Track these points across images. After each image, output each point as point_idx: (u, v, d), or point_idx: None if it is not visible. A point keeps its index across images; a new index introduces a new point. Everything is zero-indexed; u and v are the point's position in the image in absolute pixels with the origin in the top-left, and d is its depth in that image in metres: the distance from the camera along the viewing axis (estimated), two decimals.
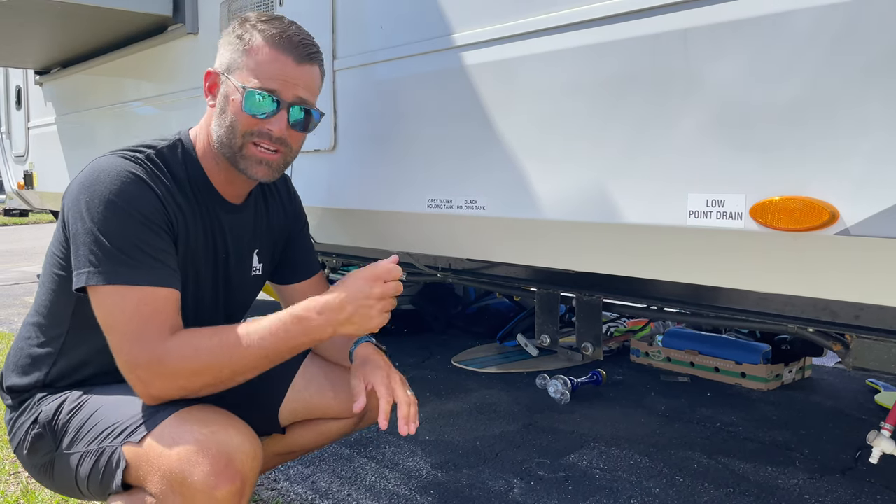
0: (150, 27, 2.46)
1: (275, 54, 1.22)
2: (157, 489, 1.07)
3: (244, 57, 1.23)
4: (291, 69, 1.24)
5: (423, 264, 2.18)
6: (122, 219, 1.13)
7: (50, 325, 1.29)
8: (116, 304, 1.11)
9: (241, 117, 1.22)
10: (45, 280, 1.29)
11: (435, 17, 1.50)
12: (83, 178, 1.18)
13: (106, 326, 1.13)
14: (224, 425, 1.09)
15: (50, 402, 1.25)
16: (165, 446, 1.07)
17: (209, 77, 1.28)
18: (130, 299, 1.11)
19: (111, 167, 1.17)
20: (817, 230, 1.00)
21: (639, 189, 1.19)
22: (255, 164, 1.25)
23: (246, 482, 1.07)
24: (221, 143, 1.25)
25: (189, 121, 2.55)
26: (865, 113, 0.95)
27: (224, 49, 1.26)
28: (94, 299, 1.14)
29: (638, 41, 1.17)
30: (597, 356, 1.86)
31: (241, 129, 1.23)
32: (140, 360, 1.10)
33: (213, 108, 1.27)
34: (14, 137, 4.15)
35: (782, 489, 1.94)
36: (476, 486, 1.95)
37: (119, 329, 1.11)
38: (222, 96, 1.25)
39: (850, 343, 1.41)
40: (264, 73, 1.22)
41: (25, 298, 4.89)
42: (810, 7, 0.99)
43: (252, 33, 1.23)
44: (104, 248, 1.11)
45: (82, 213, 1.14)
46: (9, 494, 1.89)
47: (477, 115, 1.42)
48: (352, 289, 1.16)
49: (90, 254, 1.12)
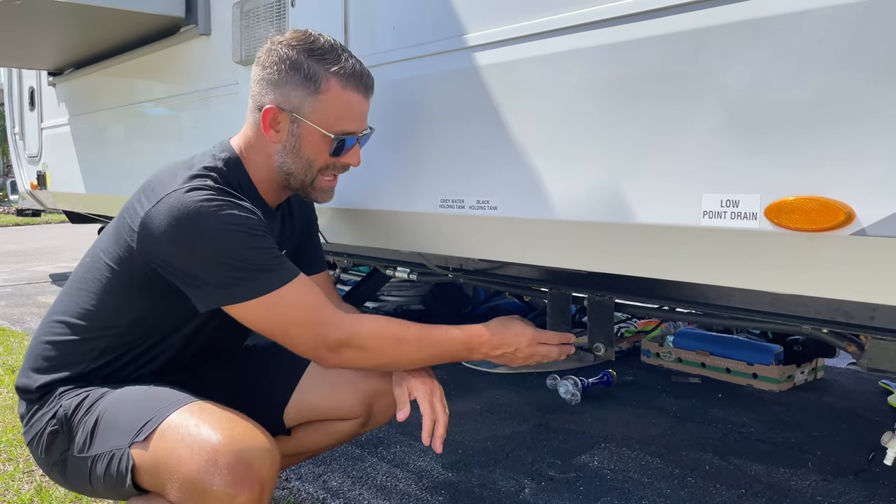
0: (163, 28, 2.47)
1: (347, 95, 1.29)
2: (176, 496, 1.07)
3: (314, 96, 1.27)
4: (362, 105, 1.33)
5: (434, 264, 2.18)
6: (234, 238, 1.17)
7: (94, 327, 1.30)
8: (279, 305, 1.19)
9: (324, 158, 1.32)
10: (95, 287, 1.30)
11: (447, 18, 1.50)
12: (171, 225, 1.16)
13: (280, 331, 1.22)
14: (242, 431, 1.10)
15: (70, 398, 1.25)
16: (184, 453, 1.07)
17: (271, 113, 1.28)
18: (289, 296, 1.20)
19: (195, 203, 1.17)
20: (833, 230, 0.99)
21: (653, 189, 1.19)
22: (326, 193, 1.38)
23: (265, 488, 1.07)
24: (291, 175, 1.33)
25: (201, 122, 2.56)
26: (882, 113, 0.94)
27: (285, 86, 1.27)
28: (248, 315, 1.20)
29: (652, 41, 1.16)
30: (609, 356, 1.85)
31: (319, 166, 1.32)
32: (328, 335, 1.22)
33: (275, 143, 1.31)
34: (27, 138, 4.18)
35: (795, 491, 1.93)
36: (487, 487, 1.95)
37: (297, 325, 1.22)
38: (293, 136, 1.30)
39: (864, 344, 1.40)
40: (342, 116, 1.30)
41: (38, 298, 4.93)
42: (826, 6, 0.98)
43: (317, 69, 1.26)
44: (238, 268, 1.17)
45: (194, 256, 1.17)
46: (23, 493, 1.90)
47: (489, 115, 1.42)
48: (511, 338, 1.33)
49: (228, 279, 1.17)
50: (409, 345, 1.28)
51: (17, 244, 9.02)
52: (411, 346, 1.28)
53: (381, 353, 1.28)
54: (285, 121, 1.29)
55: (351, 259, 2.62)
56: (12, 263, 7.03)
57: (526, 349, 1.33)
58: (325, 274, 1.57)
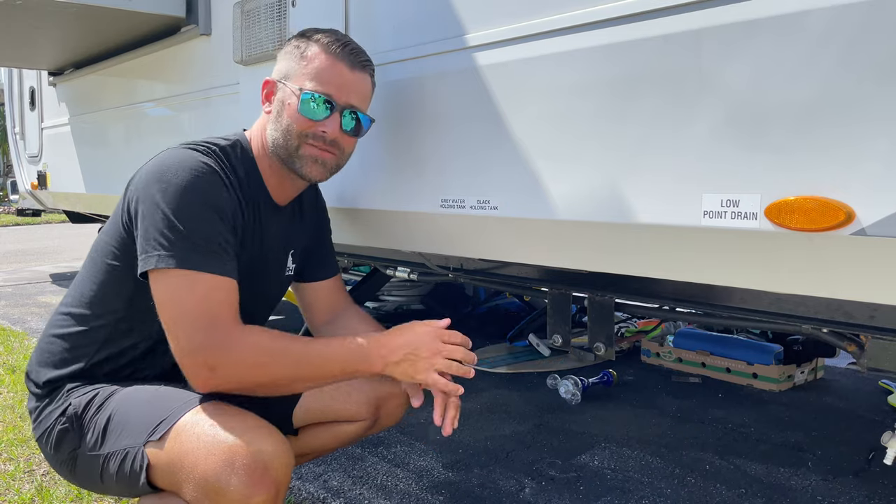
0: (164, 28, 2.47)
1: (330, 60, 1.30)
2: (192, 496, 1.08)
3: (300, 63, 1.30)
4: (345, 75, 1.31)
5: (434, 264, 2.18)
6: (197, 207, 1.16)
7: (95, 314, 1.30)
8: (187, 288, 1.13)
9: (297, 119, 1.29)
10: (94, 271, 1.31)
11: (447, 18, 1.50)
12: (156, 167, 1.21)
13: (171, 310, 1.14)
14: (259, 432, 1.10)
15: (80, 396, 1.25)
16: (200, 453, 1.07)
17: (266, 85, 1.34)
18: (202, 285, 1.14)
19: (187, 157, 1.21)
20: (833, 230, 1.00)
21: (653, 189, 1.19)
22: (311, 163, 1.32)
23: (280, 489, 1.08)
24: (277, 146, 1.31)
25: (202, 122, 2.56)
26: (882, 113, 0.94)
27: (282, 60, 1.34)
28: (159, 283, 1.15)
29: (652, 41, 1.17)
30: (609, 356, 1.86)
31: (297, 130, 1.29)
32: (209, 344, 1.11)
33: (269, 114, 1.33)
34: (28, 138, 4.18)
35: (794, 490, 1.94)
36: (487, 486, 1.96)
37: (189, 313, 1.13)
38: (278, 101, 1.32)
39: (865, 344, 1.41)
40: (320, 77, 1.29)
41: (38, 298, 4.93)
42: (825, 7, 0.98)
43: (308, 43, 1.31)
44: (178, 233, 1.14)
45: (156, 199, 1.16)
46: (24, 492, 1.91)
47: (490, 115, 1.42)
48: (411, 337, 1.22)
49: (162, 237, 1.14)
50: (285, 363, 1.16)
51: (17, 244, 9.02)
52: (288, 364, 1.16)
53: (270, 367, 1.15)
54: (275, 90, 1.33)
55: (351, 259, 2.63)
56: (13, 263, 7.03)
57: (430, 346, 1.20)
58: (337, 278, 1.56)
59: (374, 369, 1.20)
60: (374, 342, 1.21)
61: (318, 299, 1.53)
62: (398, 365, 1.21)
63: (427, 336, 1.22)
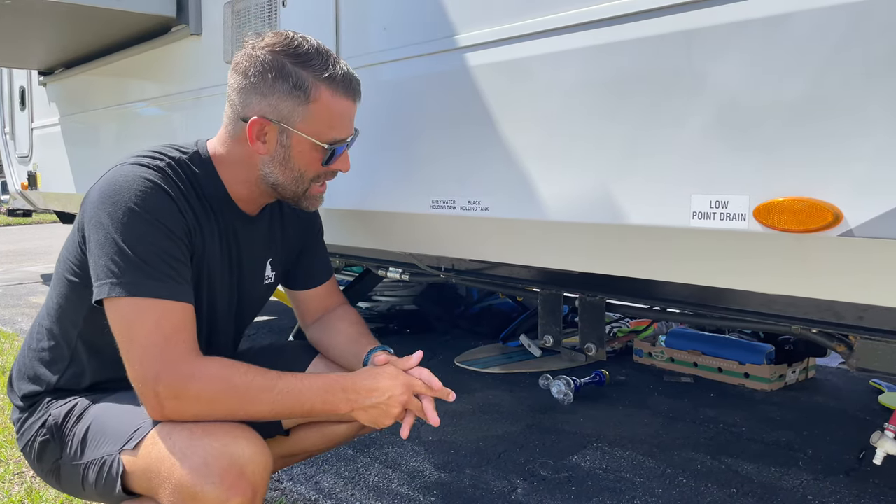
0: (154, 28, 2.46)
1: (339, 102, 1.24)
2: (169, 501, 1.07)
3: (305, 106, 1.20)
4: (352, 110, 1.28)
5: (426, 265, 2.18)
6: (144, 228, 1.13)
7: (62, 330, 1.29)
8: (137, 316, 1.10)
9: (315, 168, 1.26)
10: (57, 284, 1.29)
11: (438, 19, 1.50)
12: (104, 186, 1.17)
13: (125, 339, 1.11)
14: (234, 435, 1.09)
15: (59, 407, 1.25)
16: (176, 458, 1.07)
17: (257, 125, 1.21)
18: (152, 312, 1.10)
19: (133, 175, 1.16)
20: (821, 231, 1.00)
21: (643, 190, 1.19)
22: (317, 200, 1.33)
23: (257, 492, 1.07)
24: (281, 187, 1.27)
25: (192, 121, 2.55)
26: (869, 114, 0.95)
27: (273, 96, 1.20)
28: (112, 311, 1.12)
29: (641, 42, 1.17)
30: (600, 357, 1.86)
31: (311, 176, 1.27)
32: (162, 376, 1.08)
33: (261, 154, 1.24)
34: (18, 138, 4.16)
35: (785, 490, 1.94)
36: (479, 487, 1.96)
37: (140, 342, 1.09)
38: (282, 146, 1.23)
39: (853, 344, 1.41)
40: (336, 124, 1.24)
41: (29, 298, 4.91)
42: (813, 9, 0.99)
43: (308, 80, 1.19)
44: (127, 259, 1.11)
45: (103, 221, 1.13)
46: (13, 494, 1.89)
47: (480, 116, 1.42)
48: (384, 385, 1.19)
49: (112, 264, 1.11)
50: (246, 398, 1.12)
51: (8, 244, 8.97)
52: (250, 400, 1.12)
53: (226, 401, 1.11)
54: (273, 132, 1.22)
55: (343, 259, 2.62)
56: (3, 264, 6.99)
57: (400, 398, 1.19)
58: (329, 282, 1.53)
59: (340, 411, 1.18)
60: (344, 384, 1.18)
61: (311, 304, 1.52)
62: (366, 411, 1.19)
63: (398, 389, 1.20)
